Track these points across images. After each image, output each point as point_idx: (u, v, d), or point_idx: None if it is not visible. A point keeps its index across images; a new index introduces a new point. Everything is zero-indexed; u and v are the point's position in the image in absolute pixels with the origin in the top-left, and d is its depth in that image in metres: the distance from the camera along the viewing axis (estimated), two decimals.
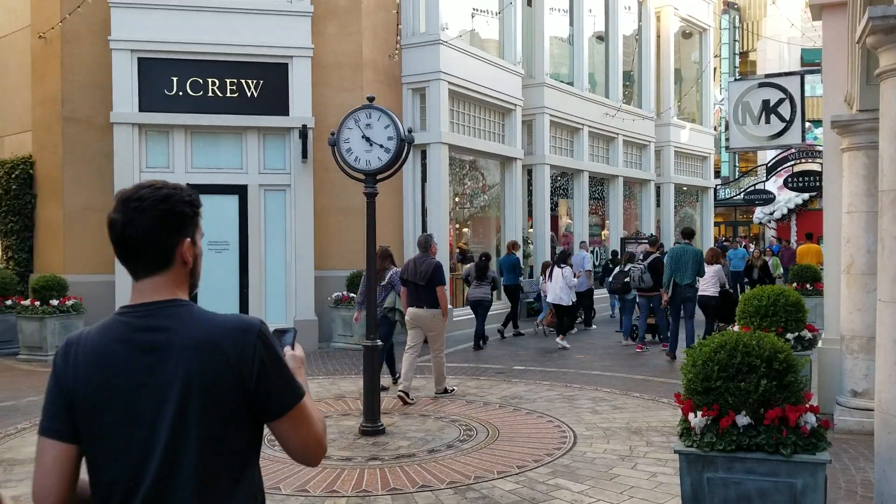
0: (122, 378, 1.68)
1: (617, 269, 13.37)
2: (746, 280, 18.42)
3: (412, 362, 8.40)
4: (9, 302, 11.87)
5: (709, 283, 11.58)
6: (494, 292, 13.47)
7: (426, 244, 8.82)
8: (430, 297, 8.44)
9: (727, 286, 12.02)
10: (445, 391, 8.75)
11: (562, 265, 12.73)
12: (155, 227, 1.73)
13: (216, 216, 12.42)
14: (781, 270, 20.11)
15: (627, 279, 12.30)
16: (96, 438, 1.69)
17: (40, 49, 12.83)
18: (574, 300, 12.93)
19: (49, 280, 11.54)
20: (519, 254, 14.81)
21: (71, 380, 1.70)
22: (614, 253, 17.52)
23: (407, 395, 8.25)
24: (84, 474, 1.75)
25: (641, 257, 12.55)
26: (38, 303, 11.37)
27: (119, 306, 1.80)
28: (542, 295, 14.10)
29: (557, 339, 12.46)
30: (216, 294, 12.36)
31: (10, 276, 12.47)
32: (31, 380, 9.92)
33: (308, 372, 9.65)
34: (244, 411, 1.71)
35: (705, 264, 11.49)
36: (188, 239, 1.83)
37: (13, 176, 13.06)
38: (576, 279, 12.89)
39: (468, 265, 14.06)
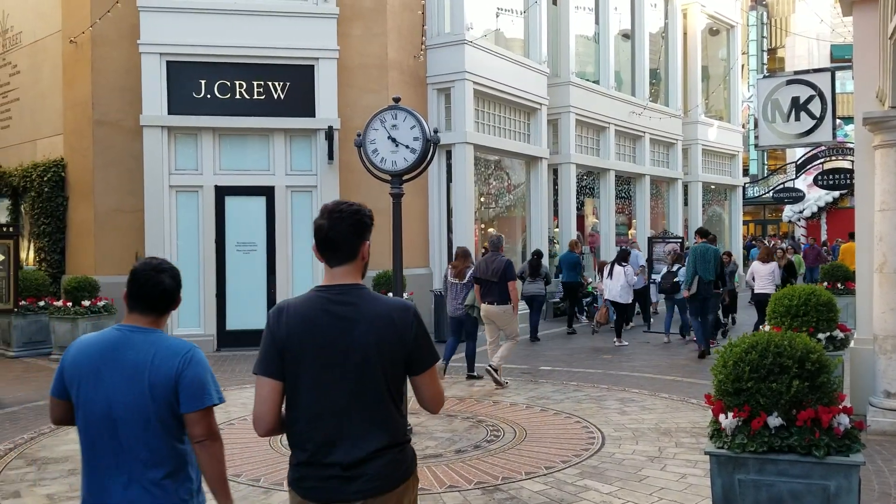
0: (320, 335, 2.41)
1: (665, 268, 13.50)
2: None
3: (494, 351, 9.29)
4: (42, 303, 12.06)
5: (766, 281, 12.03)
6: (548, 286, 14.16)
7: (498, 244, 9.51)
8: (501, 293, 9.06)
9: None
10: (497, 379, 9.04)
11: (622, 263, 13.00)
12: (348, 231, 2.50)
13: (244, 217, 12.53)
14: (803, 269, 19.79)
15: (677, 279, 12.45)
16: (297, 377, 2.42)
17: (71, 53, 13.04)
18: (632, 298, 13.36)
19: (80, 281, 11.72)
20: (579, 252, 15.54)
21: (283, 335, 2.42)
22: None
23: (496, 378, 9.00)
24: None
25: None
26: (70, 304, 11.54)
27: (314, 288, 2.52)
28: (599, 293, 14.81)
29: (615, 340, 12.72)
30: (244, 295, 12.49)
31: (43, 278, 12.67)
32: None
33: None
34: (401, 363, 2.47)
35: (761, 262, 12.22)
36: (367, 242, 2.56)
37: (45, 178, 13.27)
38: (635, 277, 13.12)
39: (523, 263, 14.57)
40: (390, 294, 6.51)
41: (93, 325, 11.55)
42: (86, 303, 11.50)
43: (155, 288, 2.64)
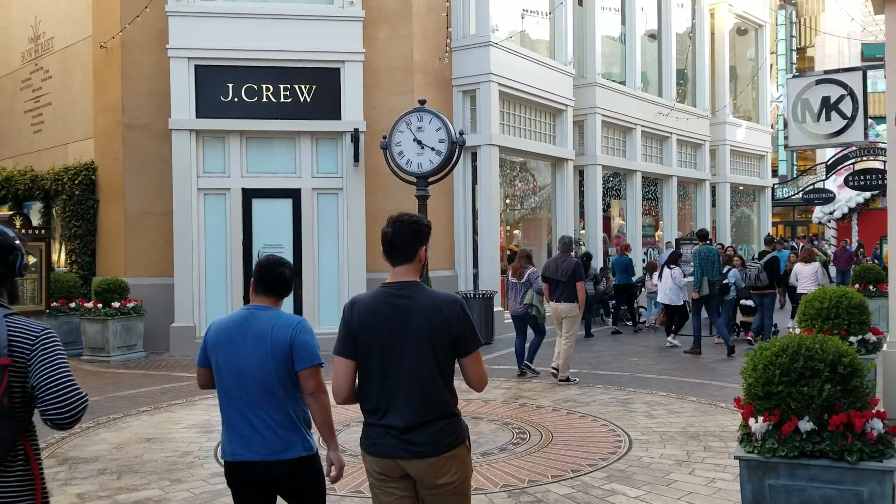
0: (384, 323, 2.94)
1: (690, 269, 13.57)
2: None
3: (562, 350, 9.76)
4: (72, 304, 12.24)
5: (809, 281, 12.43)
6: (598, 287, 14.61)
7: (569, 245, 9.94)
8: (570, 292, 9.47)
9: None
10: (568, 379, 9.47)
11: (671, 266, 13.13)
12: (408, 237, 3.02)
13: (270, 220, 12.61)
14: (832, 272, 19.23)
15: (726, 280, 12.69)
16: (367, 357, 2.95)
17: (101, 58, 13.22)
18: (685, 299, 13.44)
19: (111, 283, 11.87)
20: (631, 255, 16.15)
21: (355, 323, 2.98)
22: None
23: (567, 379, 9.52)
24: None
25: (756, 256, 13.79)
26: (100, 305, 11.70)
27: (381, 284, 3.06)
28: (647, 294, 15.61)
29: (668, 339, 12.90)
30: None
31: (74, 279, 12.85)
32: (93, 380, 10.21)
33: None
34: (449, 346, 2.95)
35: (804, 263, 12.79)
36: (424, 247, 3.07)
37: (76, 182, 13.47)
38: (685, 279, 13.19)
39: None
40: None
41: (122, 326, 11.71)
42: (115, 304, 11.64)
43: (277, 277, 3.36)
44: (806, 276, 12.56)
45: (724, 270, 12.78)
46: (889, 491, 3.44)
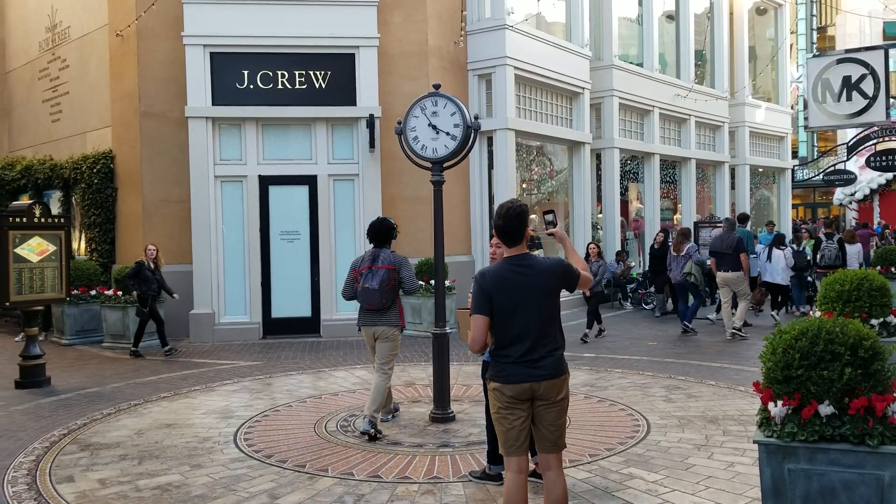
0: (511, 285, 3.82)
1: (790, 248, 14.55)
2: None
3: (728, 312, 11.66)
4: (93, 292, 12.35)
5: (853, 259, 13.69)
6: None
7: (733, 224, 12.11)
8: (734, 263, 11.39)
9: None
10: (741, 335, 11.38)
11: (781, 247, 13.77)
12: (517, 224, 3.87)
13: (287, 206, 12.65)
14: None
15: (808, 256, 14.08)
16: (500, 312, 3.81)
17: (118, 47, 13.26)
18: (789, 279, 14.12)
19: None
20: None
21: (488, 286, 3.83)
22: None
23: (738, 331, 11.41)
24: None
25: (825, 237, 14.51)
26: (119, 293, 11.80)
27: (503, 258, 3.97)
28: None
29: (772, 314, 13.55)
30: (288, 283, 12.62)
31: (94, 267, 12.96)
32: (115, 367, 10.32)
33: None
34: (558, 292, 3.96)
35: (847, 244, 13.88)
36: (528, 228, 3.94)
37: (95, 170, 13.56)
38: (793, 260, 13.88)
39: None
40: (432, 281, 7.85)
41: None
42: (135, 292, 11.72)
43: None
44: (850, 256, 13.59)
45: (801, 248, 14.24)
46: None
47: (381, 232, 6.75)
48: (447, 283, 11.39)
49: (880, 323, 6.68)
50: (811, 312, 12.24)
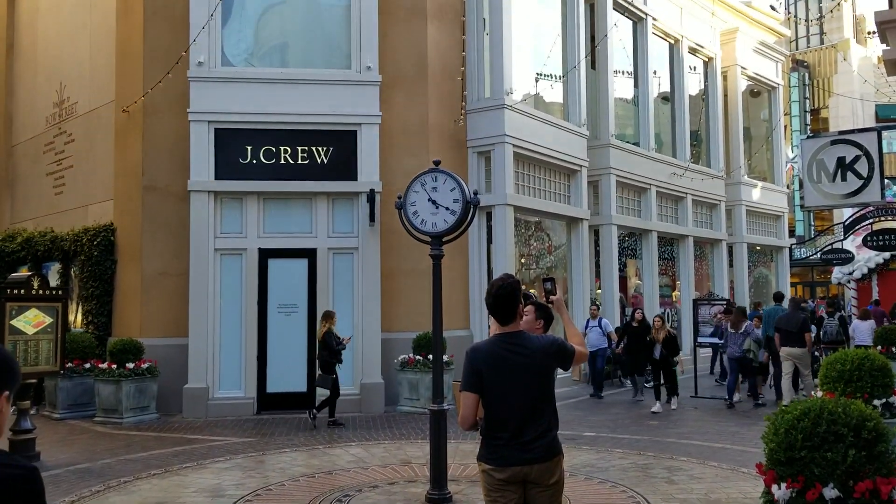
0: (503, 363, 3.69)
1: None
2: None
3: (789, 385, 12.53)
4: (87, 365, 12.22)
5: (866, 335, 14.22)
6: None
7: (798, 303, 13.43)
8: (799, 340, 12.32)
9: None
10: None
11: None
12: (510, 300, 3.75)
13: (286, 279, 12.64)
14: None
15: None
16: (490, 391, 3.70)
17: (123, 122, 13.50)
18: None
19: (126, 343, 11.87)
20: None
21: (479, 364, 3.72)
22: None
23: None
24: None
25: (826, 315, 15.34)
26: (114, 366, 11.68)
27: (494, 335, 3.85)
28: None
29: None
30: (285, 357, 12.51)
31: (90, 340, 12.87)
32: (106, 442, 10.12)
33: (374, 437, 9.63)
34: (553, 372, 3.81)
35: (861, 320, 14.85)
36: (522, 305, 3.85)
37: (95, 243, 13.61)
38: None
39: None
40: (430, 356, 6.82)
41: (135, 386, 11.66)
42: (130, 365, 11.62)
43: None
44: (863, 331, 14.36)
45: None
46: None
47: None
48: (445, 357, 11.30)
49: (883, 404, 6.59)
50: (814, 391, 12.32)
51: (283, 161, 12.60)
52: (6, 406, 1.96)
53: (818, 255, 27.46)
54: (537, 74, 15.96)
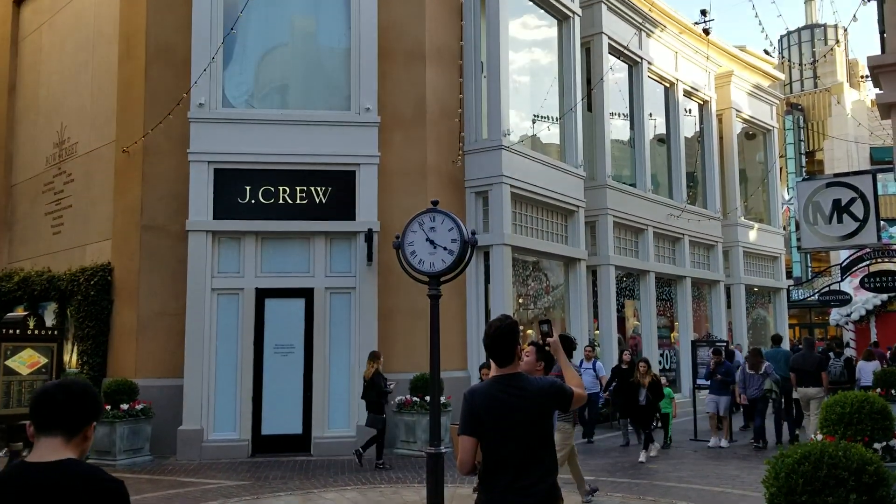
0: (501, 407, 3.59)
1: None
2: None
3: (814, 424, 11.95)
4: None
5: (871, 376, 13.93)
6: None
7: (812, 344, 13.71)
8: (816, 380, 12.66)
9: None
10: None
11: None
12: (507, 341, 3.67)
13: (282, 319, 12.59)
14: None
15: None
16: (488, 434, 3.57)
17: (123, 162, 13.56)
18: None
19: (120, 384, 11.77)
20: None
21: (477, 408, 3.61)
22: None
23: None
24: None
25: (832, 355, 15.13)
26: (108, 407, 11.56)
27: (492, 376, 3.75)
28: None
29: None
30: (280, 398, 12.40)
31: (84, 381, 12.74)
32: None
33: (370, 480, 9.50)
34: (552, 414, 3.76)
35: (865, 361, 15.03)
36: (520, 346, 3.75)
37: (92, 282, 13.57)
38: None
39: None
40: (427, 397, 6.72)
41: (129, 428, 11.53)
42: (124, 406, 11.51)
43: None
44: (868, 372, 14.34)
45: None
46: None
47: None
48: (442, 399, 11.21)
49: (883, 447, 6.53)
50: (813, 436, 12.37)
51: (281, 201, 12.64)
52: (92, 434, 2.47)
53: (816, 296, 27.47)
54: (534, 116, 16.13)
